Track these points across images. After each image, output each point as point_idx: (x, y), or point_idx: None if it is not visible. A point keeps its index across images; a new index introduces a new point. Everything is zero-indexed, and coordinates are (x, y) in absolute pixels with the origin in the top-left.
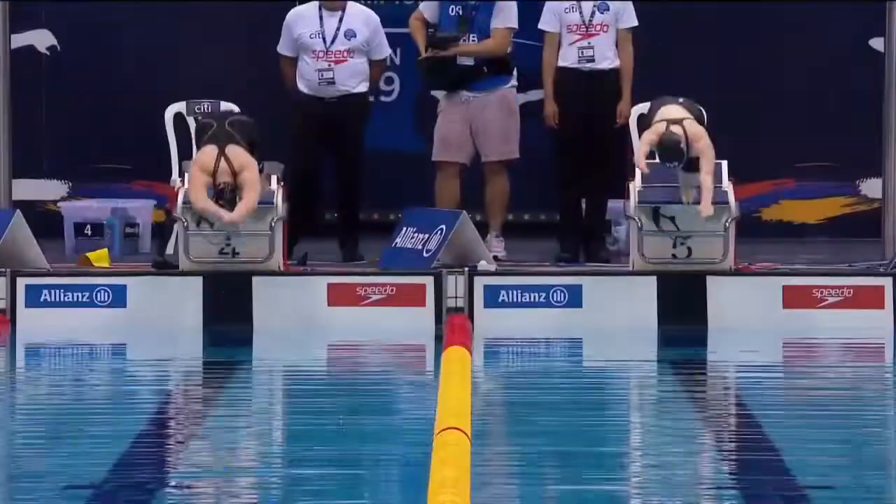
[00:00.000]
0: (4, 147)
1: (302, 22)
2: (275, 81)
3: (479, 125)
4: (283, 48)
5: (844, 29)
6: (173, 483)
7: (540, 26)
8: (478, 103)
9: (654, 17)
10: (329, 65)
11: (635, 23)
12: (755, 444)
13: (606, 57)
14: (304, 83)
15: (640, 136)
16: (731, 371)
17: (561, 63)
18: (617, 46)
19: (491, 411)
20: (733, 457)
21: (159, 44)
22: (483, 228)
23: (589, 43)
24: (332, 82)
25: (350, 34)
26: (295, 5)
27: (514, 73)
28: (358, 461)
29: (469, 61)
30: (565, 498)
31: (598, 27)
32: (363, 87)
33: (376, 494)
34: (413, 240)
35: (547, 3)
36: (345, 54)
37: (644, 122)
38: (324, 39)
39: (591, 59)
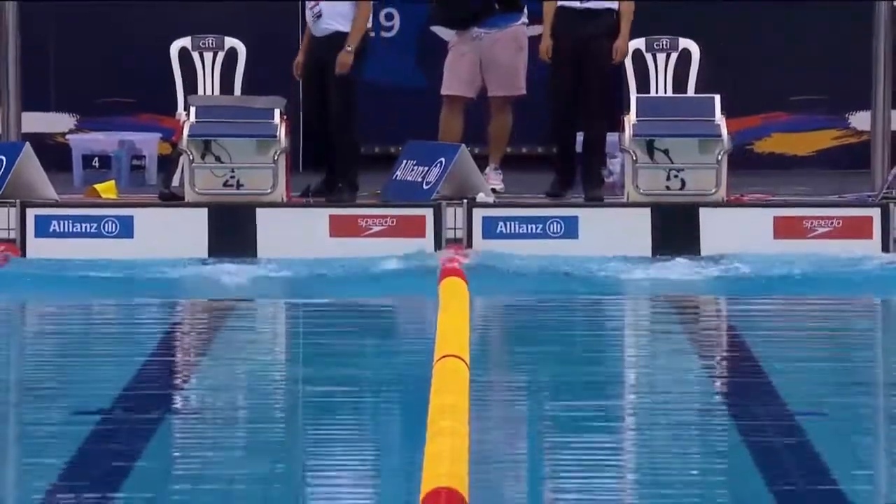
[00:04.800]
0: (14, 80)
1: None
2: (280, 18)
3: (488, 61)
4: None
5: None
6: (180, 407)
7: None
8: (489, 39)
9: None
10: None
11: None
12: (746, 371)
13: None
14: (310, 23)
15: (634, 72)
16: (722, 299)
17: (560, 2)
18: None
19: (489, 339)
20: (724, 382)
21: None
22: (483, 162)
23: None
24: (319, 16)
25: None
26: None
27: (525, 10)
28: (359, 387)
29: None
30: (560, 416)
31: None
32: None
33: (377, 420)
34: (413, 172)
35: None
36: None
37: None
38: None
39: None
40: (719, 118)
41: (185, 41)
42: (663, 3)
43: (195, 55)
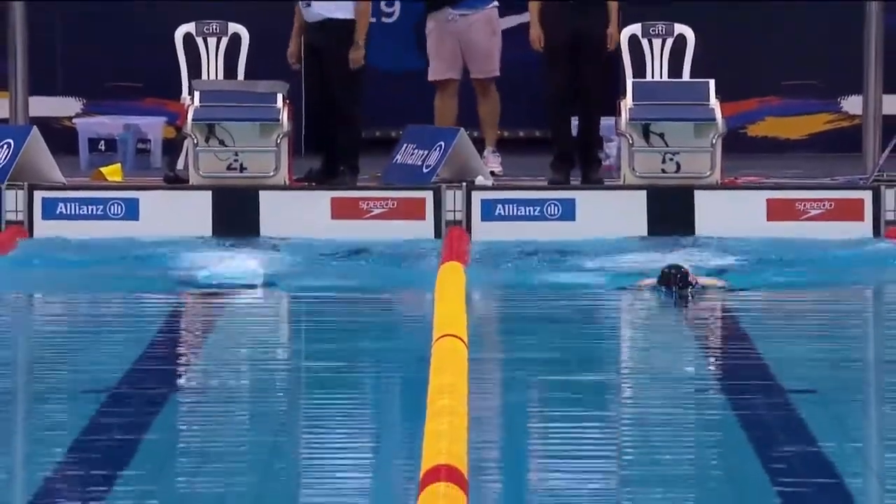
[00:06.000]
0: (21, 65)
1: None
2: (282, 4)
3: (466, 44)
4: None
5: None
6: (185, 384)
7: None
8: (463, 22)
9: None
10: None
11: None
12: (739, 349)
13: None
14: (302, 9)
15: (630, 55)
16: (717, 280)
17: None
18: None
19: (487, 320)
20: (718, 359)
21: None
22: (479, 144)
23: None
24: (308, 4)
25: None
26: None
27: None
28: (360, 367)
29: None
30: (556, 388)
31: None
32: (344, 14)
33: (378, 399)
34: (413, 156)
35: None
36: None
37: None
38: None
39: None
40: (714, 102)
41: (189, 27)
42: None
43: (199, 40)
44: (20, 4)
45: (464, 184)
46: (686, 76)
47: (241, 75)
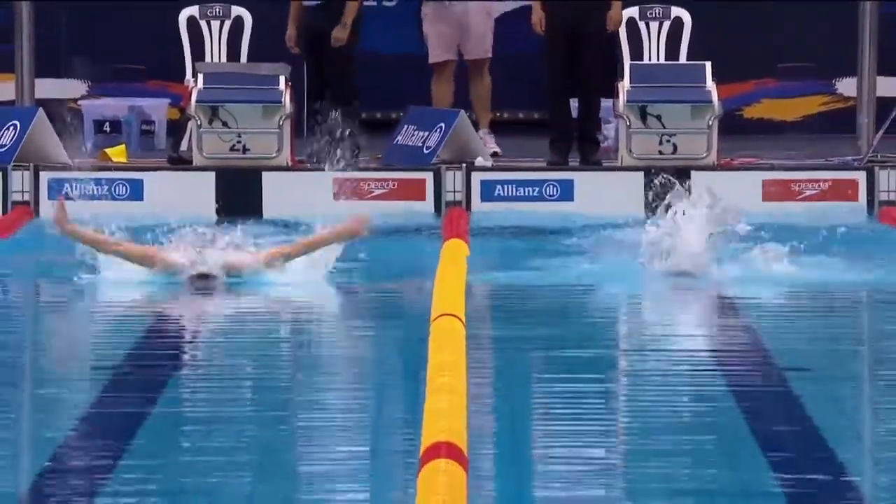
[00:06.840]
0: (27, 48)
1: None
2: None
3: (463, 27)
4: None
5: None
6: (187, 362)
7: None
8: (459, 7)
9: None
10: None
11: None
12: (736, 330)
13: None
14: None
15: (627, 38)
16: (714, 261)
17: None
18: None
19: (485, 299)
20: (714, 340)
21: None
22: (473, 126)
23: None
24: None
25: None
26: None
27: None
28: (360, 346)
29: None
30: (553, 363)
31: None
32: None
33: (378, 377)
34: (414, 137)
35: None
36: None
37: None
38: None
39: None
40: (710, 84)
41: (192, 10)
42: None
43: (202, 23)
44: None
45: (464, 165)
46: (683, 59)
47: (243, 58)
